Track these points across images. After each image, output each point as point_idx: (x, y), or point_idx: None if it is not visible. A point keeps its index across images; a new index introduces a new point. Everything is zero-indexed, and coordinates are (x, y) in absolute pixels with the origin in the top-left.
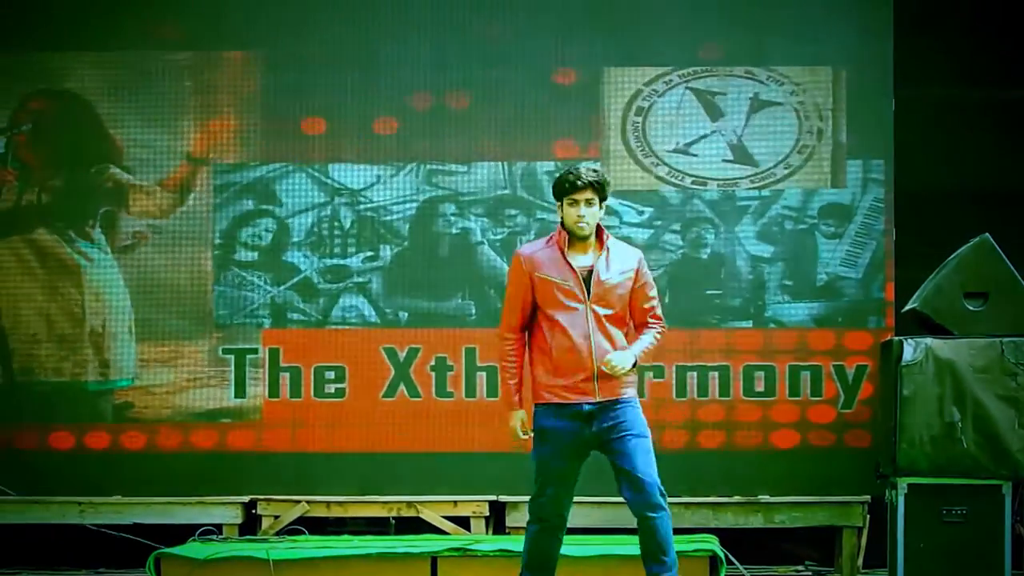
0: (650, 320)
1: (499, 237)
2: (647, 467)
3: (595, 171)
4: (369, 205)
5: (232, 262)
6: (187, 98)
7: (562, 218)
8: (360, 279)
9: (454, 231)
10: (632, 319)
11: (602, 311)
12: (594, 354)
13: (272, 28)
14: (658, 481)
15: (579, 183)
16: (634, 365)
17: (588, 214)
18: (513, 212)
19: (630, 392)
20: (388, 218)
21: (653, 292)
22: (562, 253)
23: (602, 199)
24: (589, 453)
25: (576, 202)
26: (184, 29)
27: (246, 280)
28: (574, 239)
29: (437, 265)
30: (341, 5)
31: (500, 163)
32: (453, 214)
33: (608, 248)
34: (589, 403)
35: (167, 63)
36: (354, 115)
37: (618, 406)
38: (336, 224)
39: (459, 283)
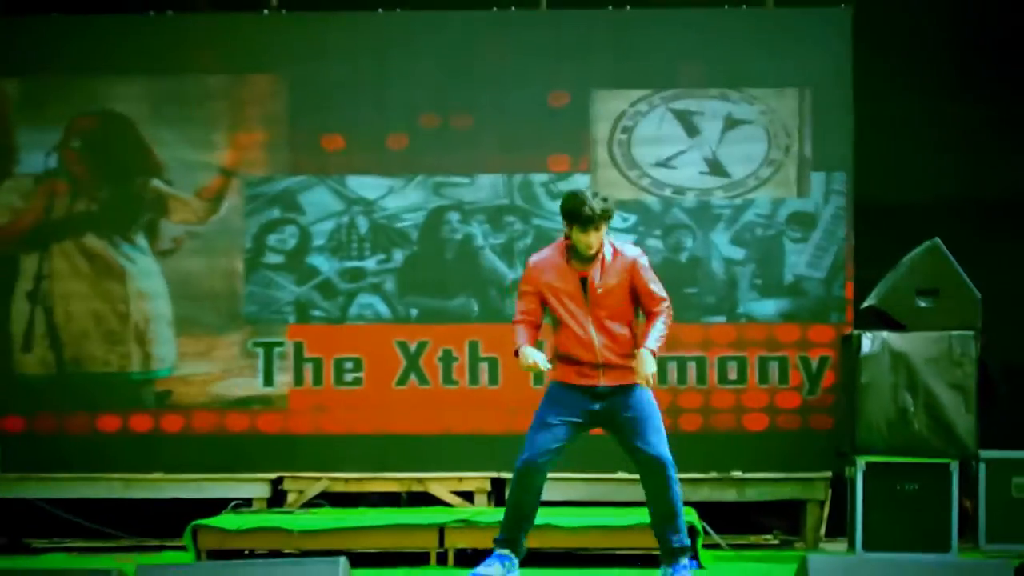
0: (656, 308)
1: (499, 242)
2: (658, 442)
3: (605, 202)
4: (383, 213)
5: (261, 264)
6: (220, 117)
7: (568, 234)
8: (375, 280)
9: (458, 237)
10: (642, 308)
11: (602, 312)
12: (596, 348)
13: (296, 54)
14: (666, 454)
15: (594, 218)
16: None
17: (595, 239)
18: (511, 219)
19: (637, 377)
20: (399, 225)
21: (653, 284)
22: (566, 262)
23: (608, 223)
24: (588, 429)
25: (588, 231)
26: (217, 56)
27: (273, 281)
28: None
29: (443, 267)
30: (357, 35)
31: (500, 175)
32: (458, 221)
33: (604, 256)
34: (598, 387)
35: (202, 86)
36: (369, 133)
37: (627, 390)
38: (353, 230)
39: (463, 283)
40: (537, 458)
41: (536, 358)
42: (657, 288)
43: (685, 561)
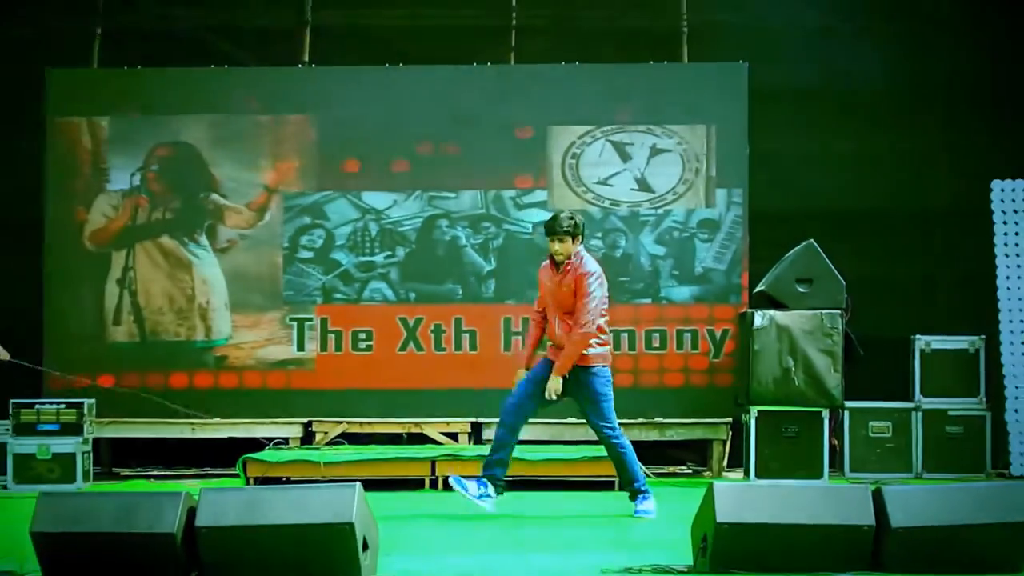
0: (573, 327)
1: (477, 242)
2: (596, 417)
3: (571, 219)
4: (389, 220)
5: (295, 259)
6: (265, 147)
7: None
8: (383, 271)
9: (447, 238)
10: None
11: (560, 309)
12: (556, 335)
13: (323, 99)
14: (602, 424)
15: (554, 232)
16: (565, 374)
17: (561, 248)
18: (487, 225)
19: (590, 362)
20: (402, 229)
21: (584, 300)
22: (553, 267)
23: (575, 236)
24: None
25: (552, 241)
26: (262, 100)
27: (305, 271)
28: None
29: (435, 261)
30: (370, 84)
31: (478, 191)
32: (446, 226)
33: (567, 270)
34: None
35: (251, 123)
36: (378, 158)
37: (578, 371)
38: (366, 233)
39: (450, 273)
40: (505, 417)
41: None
42: (582, 309)
43: (640, 497)
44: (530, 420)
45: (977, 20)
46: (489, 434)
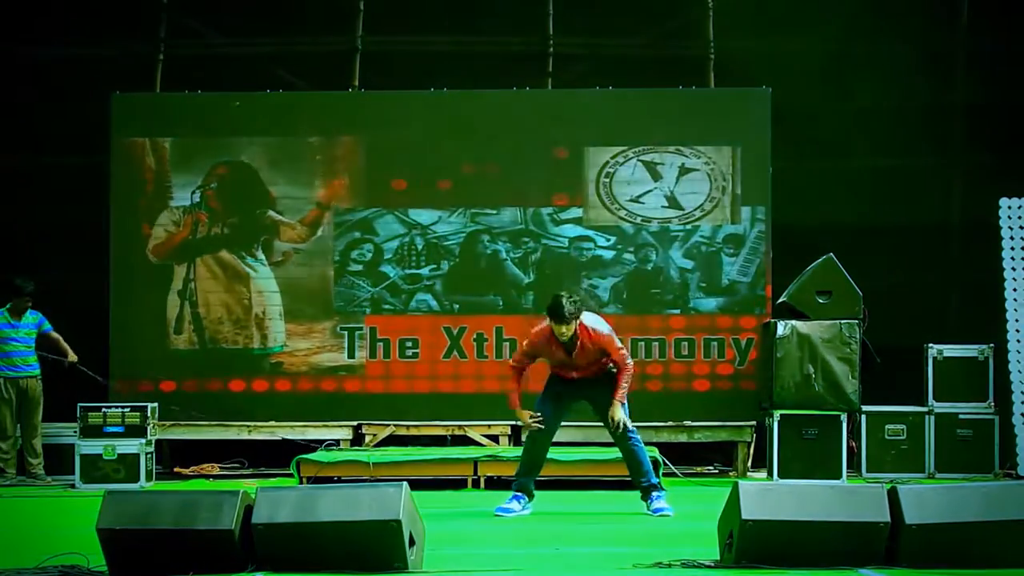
0: (619, 363)
1: (517, 256)
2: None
3: (572, 302)
4: (434, 235)
5: (346, 271)
6: (317, 166)
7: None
8: (428, 283)
9: (488, 252)
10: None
11: (585, 366)
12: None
13: (372, 122)
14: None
15: (562, 320)
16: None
17: (567, 330)
18: (526, 240)
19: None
20: (446, 244)
21: (618, 352)
22: (555, 340)
23: (577, 319)
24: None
25: (560, 326)
26: (315, 122)
27: (355, 283)
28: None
29: (477, 274)
30: (416, 108)
31: (518, 208)
32: (488, 241)
33: (582, 341)
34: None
35: (304, 144)
36: (424, 177)
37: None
38: (412, 247)
39: (492, 286)
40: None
41: (523, 418)
42: (622, 359)
43: (655, 494)
44: (562, 423)
45: (990, 45)
46: None
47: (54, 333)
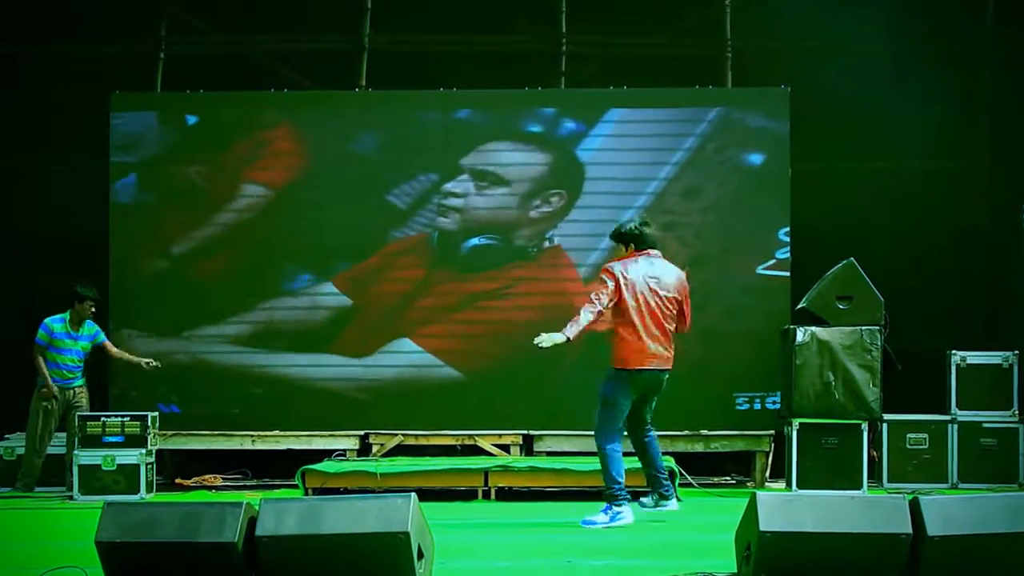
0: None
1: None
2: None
3: (618, 227)
4: None
5: None
6: None
7: None
8: None
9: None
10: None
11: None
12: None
13: (379, 120)
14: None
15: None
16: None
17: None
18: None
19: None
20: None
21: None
22: None
23: (614, 244)
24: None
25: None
26: (322, 121)
27: None
28: None
29: None
30: (424, 107)
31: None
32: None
33: None
34: None
35: None
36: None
37: (661, 376)
38: None
39: None
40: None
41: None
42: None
43: (607, 505)
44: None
45: (1015, 46)
46: (539, 446)
47: (110, 344)
